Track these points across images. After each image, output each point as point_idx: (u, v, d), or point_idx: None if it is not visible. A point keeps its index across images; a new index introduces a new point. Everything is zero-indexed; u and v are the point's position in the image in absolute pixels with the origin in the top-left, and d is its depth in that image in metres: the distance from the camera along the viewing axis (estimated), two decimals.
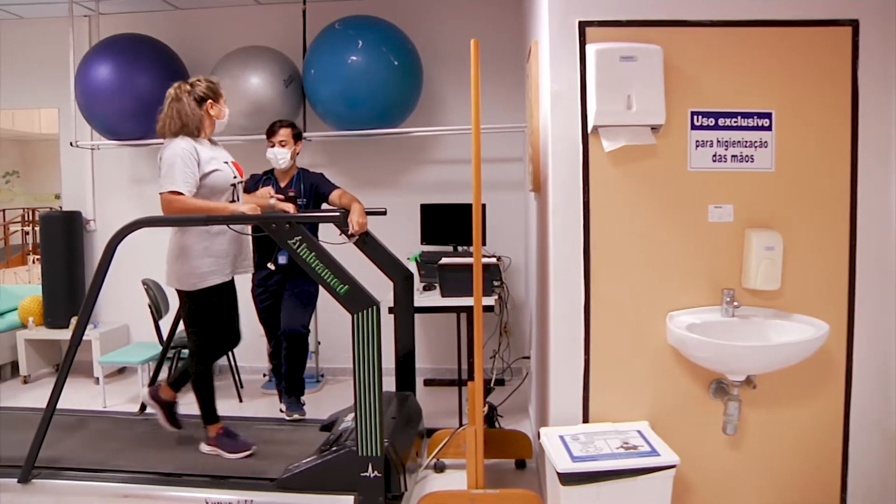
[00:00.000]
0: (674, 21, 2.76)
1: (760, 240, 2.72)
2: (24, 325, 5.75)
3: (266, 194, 3.89)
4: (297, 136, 4.37)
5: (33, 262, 8.75)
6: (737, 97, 2.77)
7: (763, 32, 2.75)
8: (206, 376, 3.57)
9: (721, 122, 2.77)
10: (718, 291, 2.81)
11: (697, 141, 2.79)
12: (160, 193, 3.27)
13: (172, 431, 3.69)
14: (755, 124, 2.76)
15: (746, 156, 2.77)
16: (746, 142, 2.77)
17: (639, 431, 2.74)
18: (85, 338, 3.33)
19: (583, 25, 2.78)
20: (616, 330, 2.85)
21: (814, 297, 2.82)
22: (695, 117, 2.78)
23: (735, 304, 2.75)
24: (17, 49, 5.99)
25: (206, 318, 3.49)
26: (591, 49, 2.73)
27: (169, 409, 3.69)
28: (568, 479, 2.50)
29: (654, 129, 2.75)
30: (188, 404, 4.81)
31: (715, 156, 2.79)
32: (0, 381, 5.77)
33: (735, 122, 2.76)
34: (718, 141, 2.78)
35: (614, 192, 2.81)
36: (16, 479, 3.20)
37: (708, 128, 2.78)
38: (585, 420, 2.89)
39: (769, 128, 2.77)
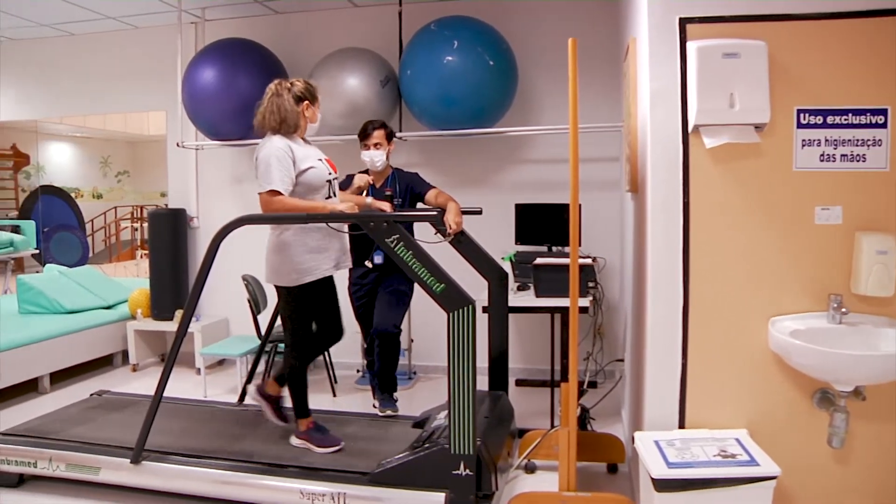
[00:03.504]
0: (779, 15, 2.67)
1: (872, 243, 2.60)
2: (133, 317, 6.05)
3: (363, 180, 3.95)
4: (390, 136, 4.41)
5: (141, 256, 9.20)
6: (848, 93, 2.65)
7: (877, 23, 2.62)
8: (301, 371, 3.64)
9: (830, 119, 2.66)
10: (824, 297, 2.70)
11: (804, 140, 2.68)
12: (259, 194, 3.37)
13: (277, 425, 3.77)
14: (868, 121, 2.63)
15: (858, 155, 2.65)
16: (858, 140, 2.64)
17: (737, 439, 2.67)
18: (188, 330, 3.47)
19: (683, 22, 2.73)
20: (715, 334, 2.78)
21: None
22: (801, 115, 2.68)
23: (843, 310, 2.63)
24: (131, 56, 6.33)
25: (304, 314, 3.57)
26: (692, 46, 2.68)
27: (275, 403, 3.79)
28: (663, 485, 2.45)
29: (758, 127, 2.67)
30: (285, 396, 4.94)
31: (823, 155, 2.68)
32: (112, 368, 6.09)
33: (846, 119, 2.64)
34: (827, 140, 2.67)
35: (715, 192, 2.73)
36: (128, 460, 3.39)
37: (815, 126, 2.68)
38: (681, 426, 2.83)
39: (884, 125, 2.63)
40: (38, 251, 8.06)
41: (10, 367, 4.99)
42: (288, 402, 3.70)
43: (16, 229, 8.01)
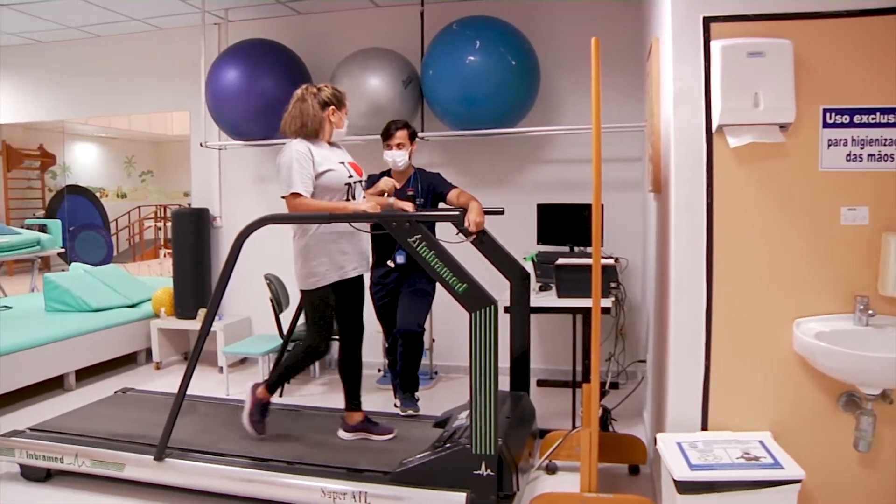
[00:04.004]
0: (805, 13, 2.64)
1: None
2: (156, 315, 6.10)
3: (388, 184, 3.98)
4: (413, 136, 4.42)
5: (164, 255, 9.28)
6: (875, 92, 2.61)
7: None
8: (299, 369, 3.75)
9: (857, 119, 2.62)
10: (850, 298, 2.67)
11: (830, 140, 2.65)
12: (282, 197, 3.44)
13: (389, 438, 3.75)
14: None
15: (886, 155, 2.61)
16: (886, 140, 2.60)
17: (761, 442, 2.64)
18: (211, 329, 3.50)
19: (707, 21, 2.71)
20: (739, 335, 2.75)
21: None
22: (827, 115, 2.65)
23: (870, 312, 2.60)
24: (155, 57, 6.39)
25: (325, 317, 3.62)
26: (716, 45, 2.65)
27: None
28: (685, 487, 2.44)
29: (783, 127, 2.64)
30: (308, 395, 4.99)
31: (849, 155, 2.64)
32: (136, 366, 6.15)
33: (873, 118, 2.61)
34: (853, 139, 2.63)
35: (739, 192, 2.71)
36: (152, 457, 3.42)
37: (842, 125, 2.64)
38: (704, 427, 2.81)
39: None
40: (63, 250, 8.15)
41: (36, 364, 5.06)
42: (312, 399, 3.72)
43: (42, 228, 8.11)
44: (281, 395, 5.01)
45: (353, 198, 3.64)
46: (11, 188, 9.03)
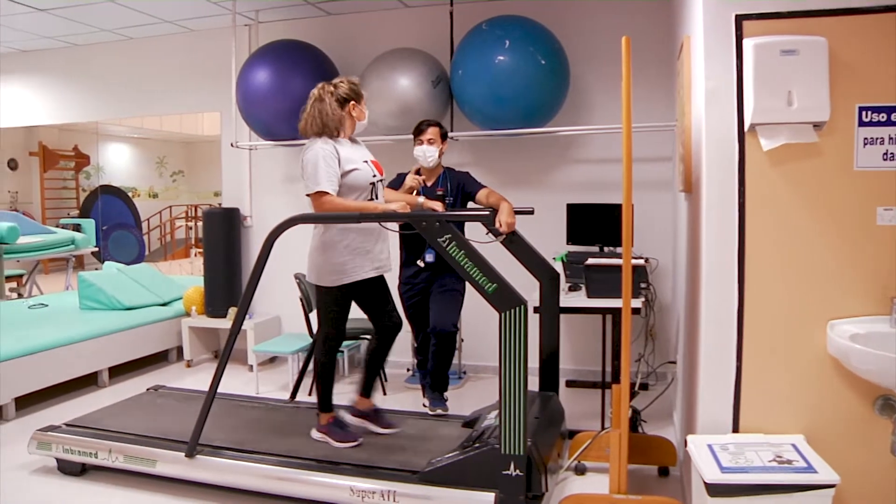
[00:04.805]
0: (840, 9, 2.59)
1: None
2: (187, 314, 6.17)
3: (416, 181, 3.98)
4: (444, 136, 4.44)
5: (195, 255, 9.38)
6: None
7: None
8: (330, 367, 3.74)
9: (894, 117, 2.58)
10: (886, 300, 2.62)
11: (866, 138, 2.61)
12: (308, 195, 3.45)
13: (389, 432, 3.80)
14: None
15: None
16: None
17: (793, 445, 2.60)
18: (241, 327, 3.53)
19: (739, 19, 2.67)
20: (771, 337, 2.72)
21: None
22: (863, 113, 2.60)
23: None
24: (187, 59, 6.47)
25: (339, 314, 3.65)
26: (748, 43, 2.62)
27: (376, 414, 3.86)
28: (716, 490, 2.41)
29: (817, 126, 2.60)
30: (336, 394, 5.01)
31: (886, 154, 2.60)
32: (167, 364, 6.22)
33: None
34: (891, 138, 2.59)
35: (772, 192, 2.68)
36: (183, 454, 3.46)
37: (878, 124, 2.60)
38: (735, 430, 2.78)
39: None
40: (97, 249, 8.29)
41: (71, 361, 5.15)
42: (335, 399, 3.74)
43: (77, 228, 8.25)
44: (310, 394, 5.04)
45: (376, 197, 3.64)
46: (47, 188, 9.19)
